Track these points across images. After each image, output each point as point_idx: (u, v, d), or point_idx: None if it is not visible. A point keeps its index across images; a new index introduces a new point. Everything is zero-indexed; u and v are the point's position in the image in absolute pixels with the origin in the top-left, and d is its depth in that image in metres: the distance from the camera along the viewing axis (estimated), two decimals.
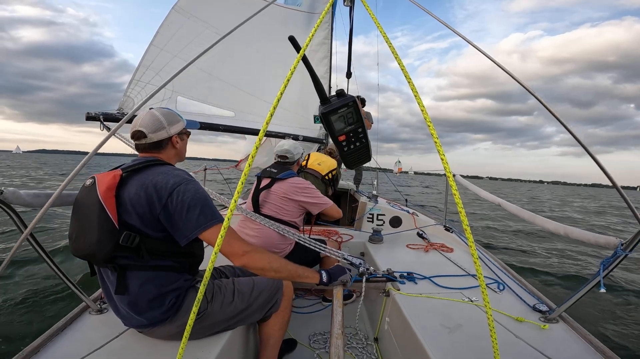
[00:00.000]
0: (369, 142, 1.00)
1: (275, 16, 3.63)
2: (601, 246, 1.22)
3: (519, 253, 6.08)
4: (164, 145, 1.23)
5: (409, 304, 1.53)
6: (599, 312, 3.41)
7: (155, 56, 2.70)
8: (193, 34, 2.89)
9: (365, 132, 0.98)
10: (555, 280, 4.54)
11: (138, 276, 1.09)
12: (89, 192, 1.07)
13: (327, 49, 4.29)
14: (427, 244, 2.58)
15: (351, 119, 0.94)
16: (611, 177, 1.00)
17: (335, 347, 1.06)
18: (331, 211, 2.15)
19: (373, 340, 1.86)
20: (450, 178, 0.66)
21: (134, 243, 1.04)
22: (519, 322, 1.41)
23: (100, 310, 1.40)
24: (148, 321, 1.13)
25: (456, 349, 1.21)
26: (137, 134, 1.19)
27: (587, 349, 1.25)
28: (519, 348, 1.23)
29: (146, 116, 1.21)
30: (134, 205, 1.06)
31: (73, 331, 1.26)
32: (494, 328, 0.69)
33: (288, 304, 1.45)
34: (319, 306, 2.29)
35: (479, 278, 0.65)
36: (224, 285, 1.32)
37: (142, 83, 2.63)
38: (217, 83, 3.22)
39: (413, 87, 0.72)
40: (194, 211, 1.07)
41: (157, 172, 1.12)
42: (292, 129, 3.92)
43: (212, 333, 1.25)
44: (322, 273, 1.36)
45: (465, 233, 0.64)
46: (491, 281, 1.84)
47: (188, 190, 1.10)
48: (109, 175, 1.08)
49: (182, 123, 1.28)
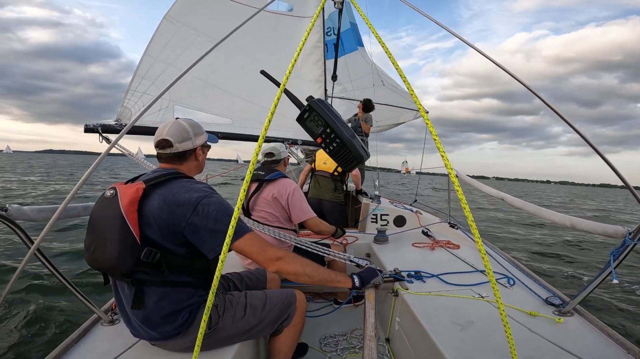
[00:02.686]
0: (346, 141, 1.01)
1: (266, 22, 3.65)
2: (609, 236, 1.20)
3: (528, 244, 6.05)
4: (188, 156, 1.22)
5: (418, 303, 1.52)
6: (614, 303, 3.37)
7: (150, 66, 2.72)
8: (186, 42, 2.92)
9: (337, 132, 1.00)
10: (567, 271, 4.50)
11: (155, 291, 1.08)
12: (110, 204, 1.04)
13: (320, 52, 4.31)
14: (433, 242, 2.57)
15: (319, 121, 0.99)
16: (623, 177, 1.00)
17: (368, 349, 1.05)
18: (312, 223, 2.08)
19: (384, 341, 1.84)
20: (452, 174, 0.65)
21: (155, 259, 1.03)
22: (533, 316, 1.39)
23: (112, 321, 1.40)
24: (160, 335, 1.13)
25: (469, 346, 1.19)
26: (163, 143, 1.17)
27: (605, 341, 1.23)
28: (535, 342, 1.21)
29: (173, 125, 1.19)
30: (156, 219, 1.04)
31: (86, 343, 1.26)
32: (507, 324, 0.67)
33: (301, 318, 1.42)
34: (329, 308, 2.28)
35: (488, 274, 0.64)
36: (236, 299, 1.30)
37: (138, 93, 2.64)
38: (213, 91, 3.23)
39: (409, 86, 0.72)
40: (222, 223, 1.06)
41: (180, 186, 1.11)
42: (290, 134, 3.92)
43: (223, 346, 1.24)
44: (354, 277, 1.34)
45: (471, 229, 0.64)
46: (501, 276, 1.83)
47: (212, 202, 1.08)
48: (132, 188, 1.05)
49: (205, 136, 1.28)
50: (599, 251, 6.51)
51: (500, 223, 10.34)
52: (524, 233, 8.42)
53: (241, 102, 3.44)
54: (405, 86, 0.73)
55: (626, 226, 1.16)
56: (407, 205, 3.70)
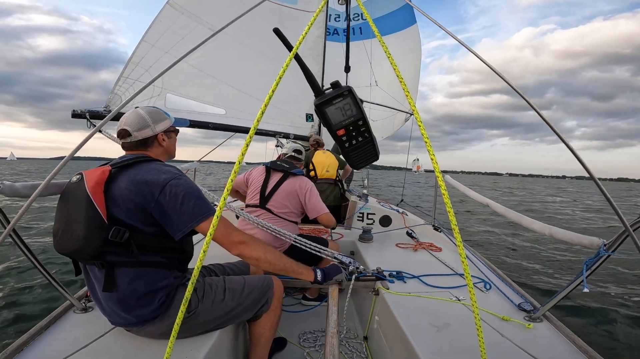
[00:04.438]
0: (373, 136, 0.92)
1: (269, 13, 3.62)
2: (585, 246, 1.24)
3: (508, 251, 6.20)
4: (150, 143, 1.24)
5: (398, 303, 1.54)
6: (584, 311, 3.49)
7: (146, 52, 2.67)
8: (186, 30, 2.88)
9: (367, 124, 0.90)
10: (544, 277, 4.64)
11: (127, 272, 1.08)
12: (76, 188, 1.06)
13: (321, 46, 4.31)
14: (416, 243, 2.61)
15: (349, 111, 0.86)
16: (588, 168, 0.97)
17: (330, 346, 1.06)
18: (325, 218, 2.19)
19: (363, 339, 1.87)
20: (440, 178, 0.67)
21: (123, 238, 1.03)
22: (505, 321, 1.44)
23: (85, 309, 1.37)
24: (137, 319, 1.12)
25: (444, 348, 1.22)
26: (122, 132, 1.20)
27: (570, 348, 1.28)
28: (505, 347, 1.25)
29: (130, 114, 1.21)
30: (125, 199, 1.05)
31: (57, 330, 1.23)
32: (480, 327, 0.70)
33: (278, 303, 1.46)
34: (310, 304, 2.29)
35: (466, 278, 0.66)
36: (215, 283, 1.31)
37: (130, 80, 2.59)
38: (209, 80, 3.20)
39: (404, 87, 0.73)
40: (189, 204, 1.08)
41: (148, 168, 1.12)
42: (282, 127, 3.91)
43: (203, 331, 1.24)
44: (317, 271, 1.37)
45: (454, 233, 0.65)
46: (478, 280, 1.87)
47: (180, 184, 1.10)
48: (98, 171, 1.07)
49: (168, 121, 1.29)
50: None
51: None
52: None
53: (236, 93, 3.42)
54: (402, 87, 0.74)
55: (601, 238, 1.19)
56: (394, 206, 3.75)
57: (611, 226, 10.12)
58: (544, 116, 0.95)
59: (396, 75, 0.74)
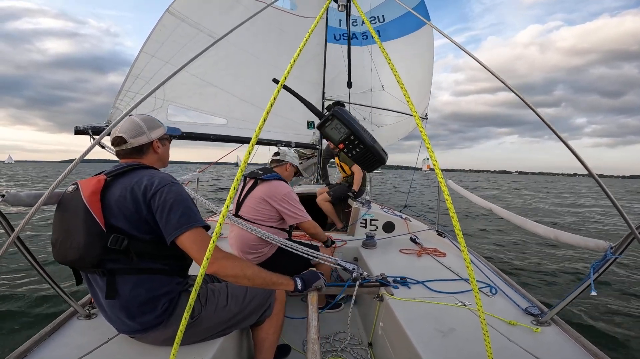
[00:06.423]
0: (369, 146, 1.05)
1: (270, 20, 3.65)
2: (591, 250, 1.23)
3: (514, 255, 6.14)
4: (145, 150, 1.25)
5: (402, 309, 1.53)
6: (592, 314, 3.44)
7: (146, 64, 2.65)
8: (186, 39, 2.86)
9: (360, 137, 1.03)
10: (550, 281, 4.58)
11: (128, 280, 1.08)
12: (73, 198, 1.07)
13: (321, 53, 4.34)
14: (420, 249, 2.59)
15: (341, 129, 1.02)
16: (586, 164, 0.97)
17: (312, 352, 1.06)
18: (307, 226, 2.16)
19: (367, 345, 1.85)
20: (442, 184, 0.67)
21: (122, 245, 1.04)
22: (512, 326, 1.42)
23: (89, 315, 1.37)
24: (141, 326, 1.12)
25: (450, 353, 1.21)
26: (118, 140, 1.20)
27: (579, 351, 1.26)
28: (512, 351, 1.23)
29: (125, 122, 1.22)
30: (120, 207, 1.06)
31: (61, 337, 1.23)
32: (487, 332, 0.69)
33: (281, 308, 1.46)
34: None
35: (471, 283, 0.65)
36: (218, 289, 1.31)
37: (131, 93, 2.57)
38: (210, 89, 3.20)
39: (405, 92, 0.73)
40: (176, 213, 1.07)
41: (142, 174, 1.13)
42: (284, 136, 3.92)
43: (206, 337, 1.24)
44: (297, 280, 1.36)
45: (458, 238, 0.65)
46: (484, 285, 1.85)
47: (171, 191, 1.10)
48: (93, 180, 1.08)
49: (162, 129, 1.30)
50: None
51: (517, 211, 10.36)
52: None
53: (237, 102, 3.42)
54: (402, 92, 0.74)
55: (608, 241, 1.18)
56: (397, 212, 3.74)
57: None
58: (543, 116, 0.95)
59: (396, 80, 0.75)
